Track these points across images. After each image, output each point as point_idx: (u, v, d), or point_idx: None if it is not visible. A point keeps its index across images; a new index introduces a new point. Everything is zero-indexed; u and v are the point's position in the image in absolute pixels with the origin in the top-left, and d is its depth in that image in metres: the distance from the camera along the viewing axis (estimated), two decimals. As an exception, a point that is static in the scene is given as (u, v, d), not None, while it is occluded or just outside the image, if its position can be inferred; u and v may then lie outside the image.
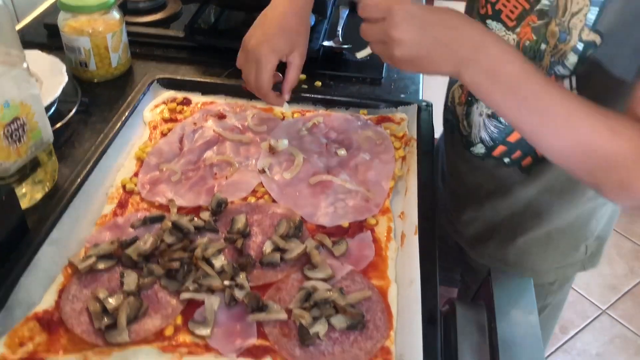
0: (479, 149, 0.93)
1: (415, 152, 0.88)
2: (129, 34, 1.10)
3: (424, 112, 0.95)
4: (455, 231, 1.07)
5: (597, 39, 0.72)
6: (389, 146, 0.90)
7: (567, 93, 0.67)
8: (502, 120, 0.86)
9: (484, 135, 0.91)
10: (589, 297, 2.16)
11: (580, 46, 0.73)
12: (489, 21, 0.85)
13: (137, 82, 1.02)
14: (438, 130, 0.90)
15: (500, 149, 0.89)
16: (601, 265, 1.03)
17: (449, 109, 1.01)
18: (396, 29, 0.66)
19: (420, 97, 1.07)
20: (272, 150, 0.88)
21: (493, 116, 0.88)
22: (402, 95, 1.07)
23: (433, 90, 1.13)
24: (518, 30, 0.81)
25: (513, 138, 0.87)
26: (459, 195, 1.04)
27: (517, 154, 0.88)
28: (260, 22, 0.87)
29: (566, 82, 0.77)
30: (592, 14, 0.71)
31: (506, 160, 0.89)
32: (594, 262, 1.01)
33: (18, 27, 1.21)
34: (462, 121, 0.95)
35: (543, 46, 0.78)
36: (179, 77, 1.02)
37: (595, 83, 0.75)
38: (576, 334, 2.08)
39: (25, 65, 0.73)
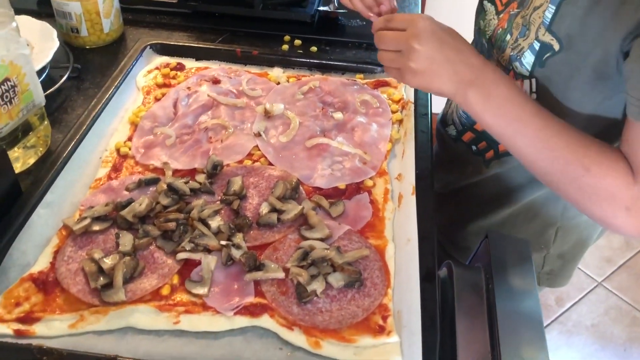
0: (452, 130, 0.93)
1: (412, 115, 0.87)
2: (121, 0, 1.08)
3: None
4: None
5: (555, 44, 0.70)
6: (385, 109, 0.89)
7: (556, 122, 0.67)
8: None
9: (455, 117, 0.91)
10: (585, 270, 2.17)
11: (536, 45, 0.72)
12: (485, 2, 0.84)
13: (129, 48, 1.01)
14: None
15: (469, 135, 0.89)
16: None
17: None
18: (417, 40, 0.69)
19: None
20: (267, 114, 0.87)
21: None
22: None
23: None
24: (501, 15, 0.79)
25: (480, 127, 0.87)
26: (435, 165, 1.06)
27: (483, 144, 0.88)
28: None
29: (526, 84, 0.75)
30: (550, 13, 0.70)
31: (474, 148, 0.89)
32: (553, 281, 0.98)
33: (7, -6, 1.18)
34: (449, 100, 0.96)
35: (508, 37, 0.77)
36: (172, 43, 1.01)
37: (555, 94, 0.73)
38: (572, 305, 2.09)
39: (14, 24, 0.72)
